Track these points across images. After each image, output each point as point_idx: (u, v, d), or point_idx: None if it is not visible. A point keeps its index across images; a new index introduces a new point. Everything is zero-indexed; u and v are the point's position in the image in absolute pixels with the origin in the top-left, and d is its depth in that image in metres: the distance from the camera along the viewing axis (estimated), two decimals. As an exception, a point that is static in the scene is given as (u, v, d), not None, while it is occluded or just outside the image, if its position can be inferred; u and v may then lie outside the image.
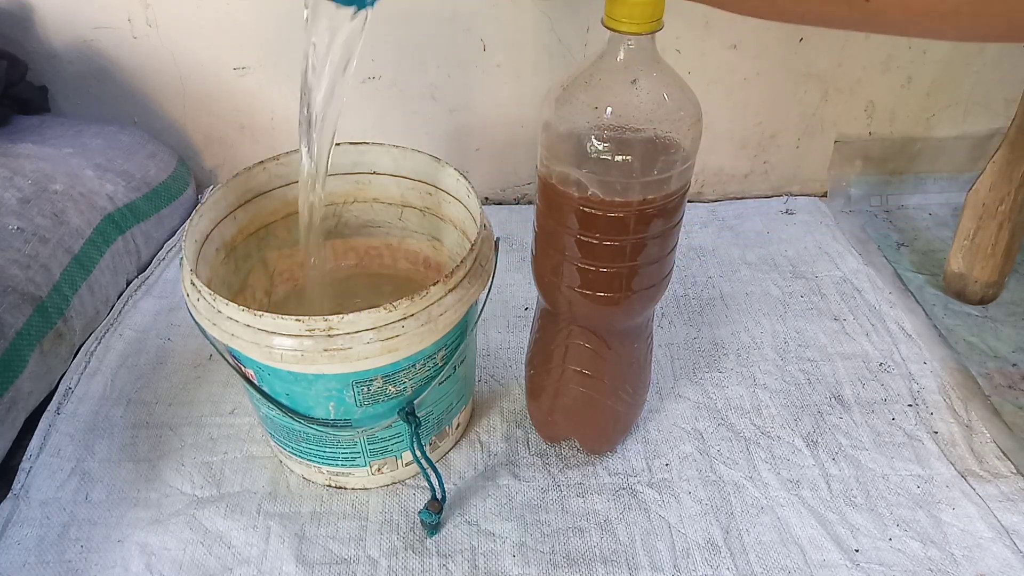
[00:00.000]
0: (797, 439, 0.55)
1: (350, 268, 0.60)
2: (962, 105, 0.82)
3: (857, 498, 0.51)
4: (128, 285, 0.69)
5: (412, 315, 0.41)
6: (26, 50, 0.75)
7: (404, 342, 0.41)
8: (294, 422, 0.45)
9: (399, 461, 0.50)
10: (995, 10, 0.25)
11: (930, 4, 0.25)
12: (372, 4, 0.36)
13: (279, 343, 0.40)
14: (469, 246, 0.46)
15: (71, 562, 0.47)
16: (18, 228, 0.58)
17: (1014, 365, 0.62)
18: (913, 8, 0.26)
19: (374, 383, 0.43)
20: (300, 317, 0.39)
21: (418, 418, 0.46)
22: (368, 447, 0.48)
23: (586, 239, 0.41)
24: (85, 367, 0.60)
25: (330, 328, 0.39)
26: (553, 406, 0.50)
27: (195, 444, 0.54)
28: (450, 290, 0.42)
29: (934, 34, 0.28)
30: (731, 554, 0.47)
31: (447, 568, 0.47)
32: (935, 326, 0.65)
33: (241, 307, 0.40)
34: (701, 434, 0.55)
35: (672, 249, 0.44)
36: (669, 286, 0.46)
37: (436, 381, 0.46)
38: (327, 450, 0.48)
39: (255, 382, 0.45)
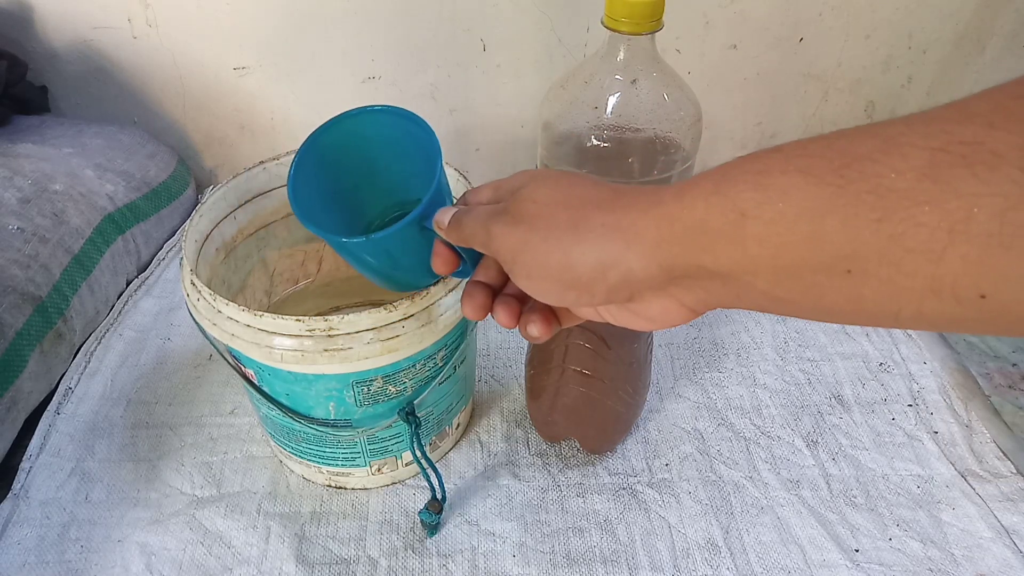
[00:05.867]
0: (797, 439, 0.55)
1: (351, 267, 0.60)
2: (962, 105, 0.82)
3: (857, 498, 0.51)
4: (128, 285, 0.69)
5: (412, 315, 0.41)
6: (26, 50, 0.75)
7: (404, 342, 0.41)
8: (294, 422, 0.45)
9: (399, 461, 0.50)
10: None
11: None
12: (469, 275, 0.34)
13: (279, 343, 0.40)
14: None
15: (71, 562, 0.47)
16: (18, 228, 0.58)
17: (1014, 365, 0.62)
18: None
19: (374, 383, 0.43)
20: (300, 317, 0.39)
21: (418, 418, 0.46)
22: (368, 447, 0.48)
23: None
24: (85, 367, 0.60)
25: (330, 328, 0.39)
26: (553, 406, 0.50)
27: (195, 444, 0.55)
28: (450, 290, 0.42)
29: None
30: (731, 554, 0.47)
31: (447, 568, 0.47)
32: (935, 326, 0.65)
33: (241, 307, 0.40)
34: (701, 434, 0.55)
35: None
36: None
37: (436, 381, 0.46)
38: (327, 450, 0.48)
39: (255, 382, 0.45)
